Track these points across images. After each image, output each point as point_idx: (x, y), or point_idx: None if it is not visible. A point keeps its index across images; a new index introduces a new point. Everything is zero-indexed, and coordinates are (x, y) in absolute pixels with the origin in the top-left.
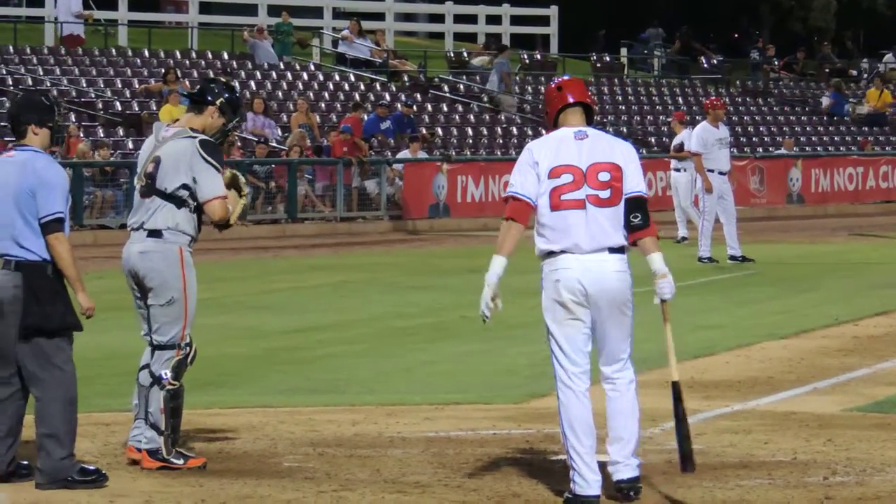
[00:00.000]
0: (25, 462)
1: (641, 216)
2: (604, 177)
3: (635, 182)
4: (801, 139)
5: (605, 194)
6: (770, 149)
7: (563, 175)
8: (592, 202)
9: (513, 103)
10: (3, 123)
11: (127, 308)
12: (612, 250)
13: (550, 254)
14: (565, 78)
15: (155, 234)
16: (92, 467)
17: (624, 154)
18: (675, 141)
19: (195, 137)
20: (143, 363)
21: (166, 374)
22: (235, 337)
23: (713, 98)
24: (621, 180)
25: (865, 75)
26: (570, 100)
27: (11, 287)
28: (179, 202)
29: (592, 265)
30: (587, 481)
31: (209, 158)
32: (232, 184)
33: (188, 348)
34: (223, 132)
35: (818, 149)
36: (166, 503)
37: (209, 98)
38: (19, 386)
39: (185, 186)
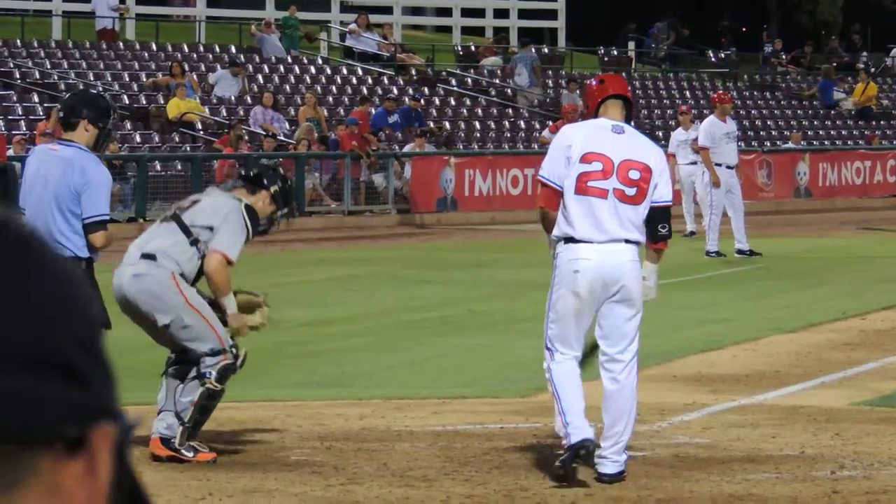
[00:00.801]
0: None
1: (668, 228)
2: (634, 175)
3: (665, 190)
4: (809, 133)
5: (630, 191)
6: (777, 143)
7: (594, 162)
8: (617, 196)
9: (540, 96)
10: (11, 117)
11: None
12: (628, 241)
13: (570, 240)
14: (608, 73)
15: (149, 256)
16: None
17: (657, 159)
18: (688, 136)
19: (243, 201)
20: (171, 357)
21: (211, 373)
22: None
23: (720, 92)
24: (649, 182)
25: (872, 69)
26: (612, 91)
27: None
28: (194, 240)
29: (609, 255)
30: (581, 428)
31: (246, 221)
32: (246, 307)
33: (235, 352)
34: (270, 219)
35: (826, 143)
36: (174, 496)
37: (265, 182)
38: None
39: (210, 229)
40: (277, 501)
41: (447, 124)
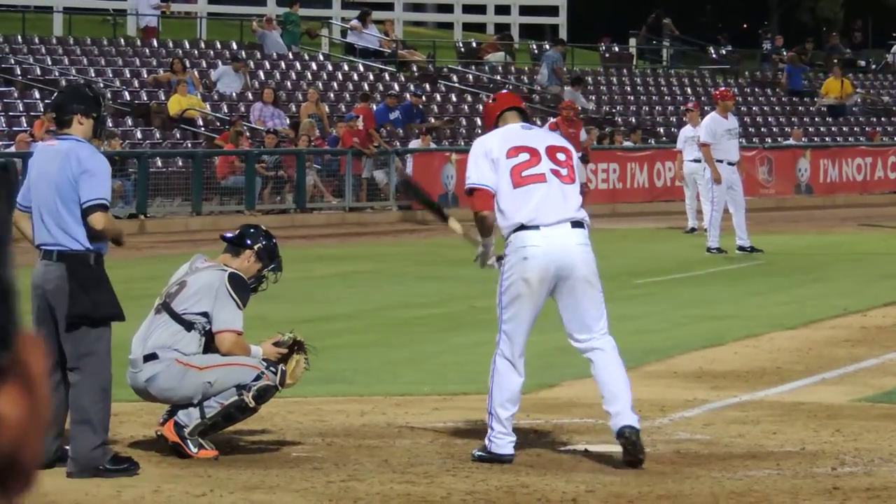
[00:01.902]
0: (69, 447)
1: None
2: (561, 156)
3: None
4: (810, 130)
5: (564, 171)
6: (779, 139)
7: (521, 154)
8: (555, 175)
9: (559, 94)
10: (12, 113)
11: (140, 297)
12: (574, 224)
13: (518, 229)
14: (501, 93)
15: (151, 357)
16: (124, 456)
17: (571, 146)
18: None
19: (226, 271)
20: None
21: (252, 388)
22: (244, 327)
23: (722, 89)
24: (573, 164)
25: (874, 66)
26: (507, 105)
27: (55, 278)
28: (189, 325)
29: (557, 239)
30: (504, 441)
31: (233, 293)
32: (293, 348)
33: (274, 372)
34: (258, 277)
35: (826, 139)
36: (175, 492)
37: (248, 242)
38: (61, 376)
39: (205, 314)
40: (279, 497)
41: (450, 120)
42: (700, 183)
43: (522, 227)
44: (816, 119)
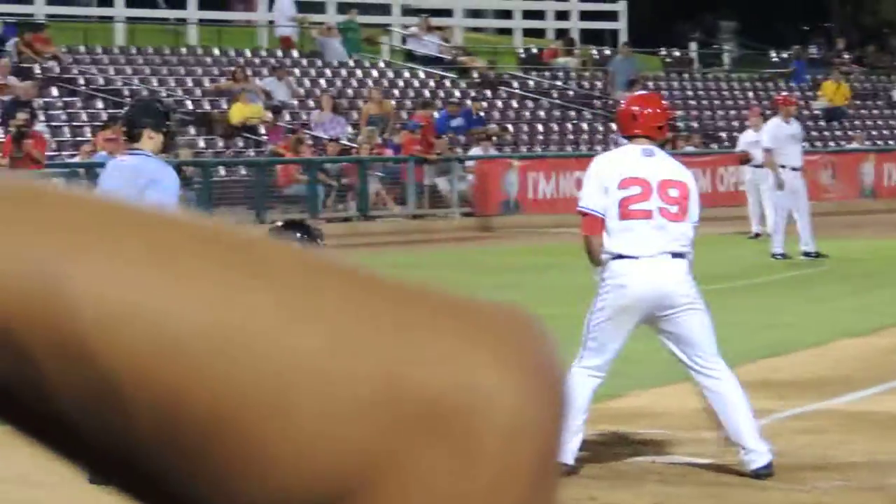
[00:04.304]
0: None
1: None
2: (674, 192)
3: (695, 210)
4: (874, 133)
5: (673, 209)
6: (842, 143)
7: (632, 187)
8: (662, 214)
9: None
10: (76, 123)
11: None
12: (675, 255)
13: (617, 257)
14: (640, 96)
15: None
16: None
17: (690, 179)
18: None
19: None
20: None
21: None
22: None
23: (784, 95)
24: (688, 199)
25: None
26: (641, 130)
27: None
28: None
29: (654, 270)
30: (566, 451)
31: None
32: None
33: None
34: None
35: (890, 143)
36: None
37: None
38: None
39: None
40: None
41: (510, 127)
42: (763, 188)
43: (621, 256)
44: (880, 122)
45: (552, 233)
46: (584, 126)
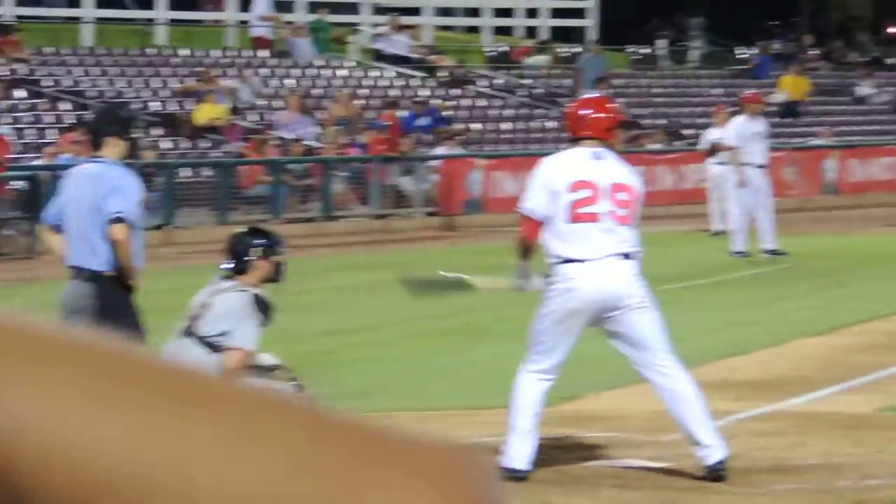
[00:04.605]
0: None
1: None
2: (622, 196)
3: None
4: (837, 129)
5: (622, 211)
6: (803, 139)
7: (582, 190)
8: (612, 217)
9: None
10: (40, 125)
11: (167, 310)
12: (624, 256)
13: (564, 261)
14: (589, 98)
15: None
16: None
17: (638, 183)
18: (712, 136)
19: (248, 291)
20: None
21: None
22: (268, 340)
23: (751, 92)
24: (636, 203)
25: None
26: (590, 131)
27: (83, 297)
28: (215, 348)
29: (603, 272)
30: (516, 458)
31: (256, 313)
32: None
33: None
34: (277, 269)
35: (853, 139)
36: None
37: (246, 259)
38: None
39: (225, 334)
40: None
41: (479, 126)
42: (726, 186)
43: (570, 260)
44: (845, 118)
45: (514, 232)
46: (550, 125)
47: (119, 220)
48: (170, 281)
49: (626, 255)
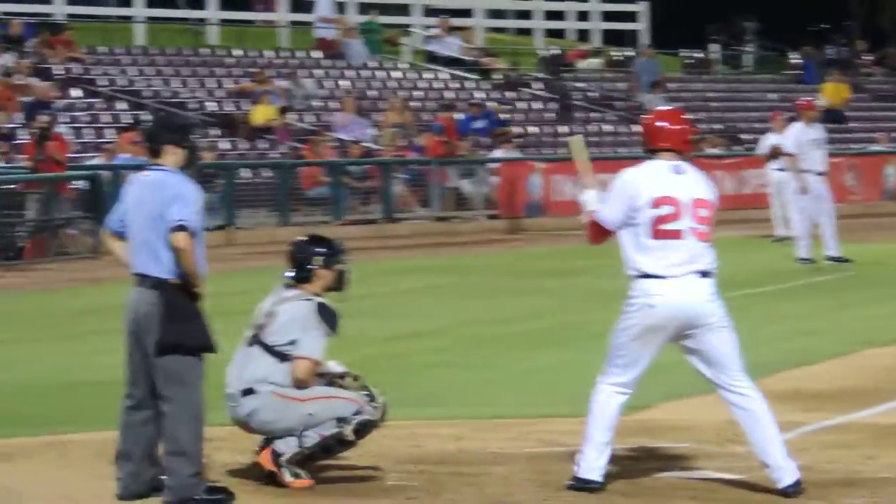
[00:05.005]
0: (164, 477)
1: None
2: (703, 212)
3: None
4: (894, 135)
5: (702, 228)
6: (864, 145)
7: (664, 206)
8: (693, 234)
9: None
10: (97, 125)
11: (231, 313)
12: (703, 274)
13: (644, 276)
14: (665, 110)
15: (248, 391)
16: (220, 485)
17: (715, 196)
18: (770, 142)
19: (312, 300)
20: None
21: (353, 421)
22: (334, 346)
23: (806, 99)
24: (714, 219)
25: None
26: (669, 143)
27: (147, 304)
28: (282, 357)
29: (683, 290)
30: (590, 469)
31: (322, 322)
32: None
33: (375, 407)
34: (341, 278)
35: None
36: None
37: (309, 268)
38: (153, 410)
39: (293, 343)
40: None
41: (535, 129)
42: (787, 192)
43: (649, 276)
44: None
45: (576, 235)
46: (608, 128)
47: (182, 227)
48: (234, 283)
49: (705, 273)
